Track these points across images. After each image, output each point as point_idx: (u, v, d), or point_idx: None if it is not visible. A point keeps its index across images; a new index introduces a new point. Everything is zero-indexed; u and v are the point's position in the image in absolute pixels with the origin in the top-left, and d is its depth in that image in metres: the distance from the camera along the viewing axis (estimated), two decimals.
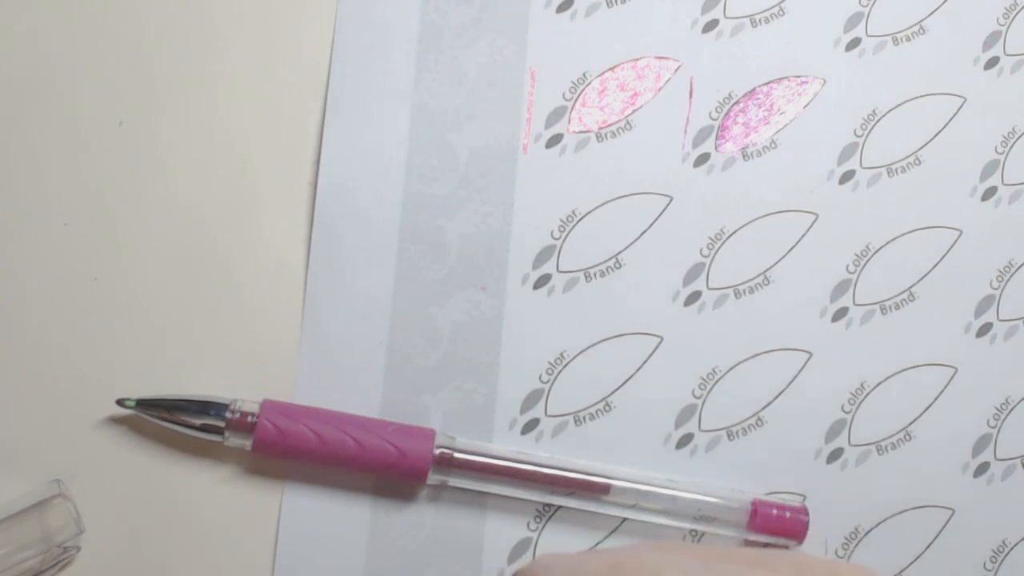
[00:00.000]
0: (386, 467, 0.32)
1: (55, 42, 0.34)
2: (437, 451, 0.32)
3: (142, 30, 0.34)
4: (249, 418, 0.31)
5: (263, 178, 0.34)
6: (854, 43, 0.37)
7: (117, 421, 0.32)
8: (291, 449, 0.32)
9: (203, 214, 0.34)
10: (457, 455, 0.33)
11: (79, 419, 0.32)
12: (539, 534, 0.34)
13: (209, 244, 0.34)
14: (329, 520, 0.33)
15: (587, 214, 0.35)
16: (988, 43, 0.38)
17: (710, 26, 0.36)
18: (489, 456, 0.33)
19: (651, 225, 0.35)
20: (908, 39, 0.37)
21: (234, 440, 0.32)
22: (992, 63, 0.37)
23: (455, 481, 0.33)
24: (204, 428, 0.31)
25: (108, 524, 0.32)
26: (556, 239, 0.35)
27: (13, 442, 0.32)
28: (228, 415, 0.31)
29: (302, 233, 0.34)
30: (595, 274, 0.35)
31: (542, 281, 0.35)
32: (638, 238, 0.35)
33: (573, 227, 0.35)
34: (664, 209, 0.36)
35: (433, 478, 0.32)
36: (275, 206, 0.34)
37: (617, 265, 0.35)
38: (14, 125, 0.33)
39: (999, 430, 0.36)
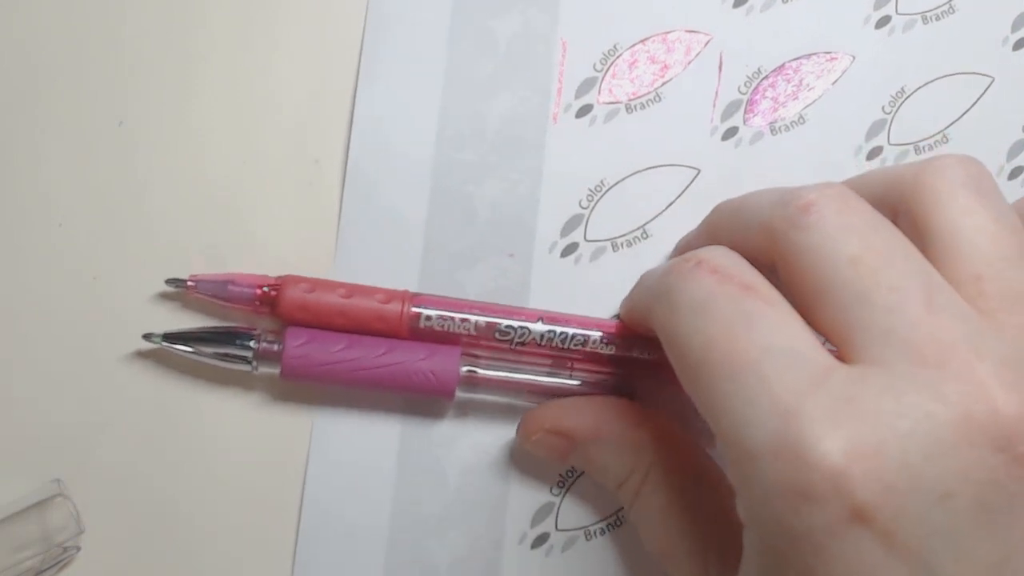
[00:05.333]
0: (414, 384, 0.32)
1: (54, 41, 0.34)
2: (464, 369, 0.33)
3: (142, 26, 0.34)
4: (276, 345, 0.32)
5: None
6: (884, 21, 0.37)
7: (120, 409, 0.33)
8: (319, 373, 0.32)
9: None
10: (482, 373, 0.33)
11: (81, 418, 0.32)
12: None
13: (227, 238, 0.34)
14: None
15: (615, 184, 0.35)
16: (1017, 24, 0.38)
17: (741, 0, 0.36)
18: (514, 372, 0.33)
19: (678, 197, 0.36)
20: (937, 18, 0.37)
21: (263, 368, 0.32)
22: (1021, 43, 0.38)
23: (482, 398, 0.33)
24: (231, 358, 0.32)
25: (109, 522, 0.32)
26: (584, 208, 0.35)
27: (13, 442, 0.32)
28: (254, 344, 0.32)
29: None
30: (622, 244, 0.35)
31: (569, 250, 0.35)
32: (665, 209, 0.35)
33: (601, 197, 0.35)
34: (691, 181, 0.36)
35: (460, 396, 0.33)
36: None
37: (644, 236, 0.35)
38: (13, 124, 0.33)
39: None
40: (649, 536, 0.31)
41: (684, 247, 0.35)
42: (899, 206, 0.28)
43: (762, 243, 0.27)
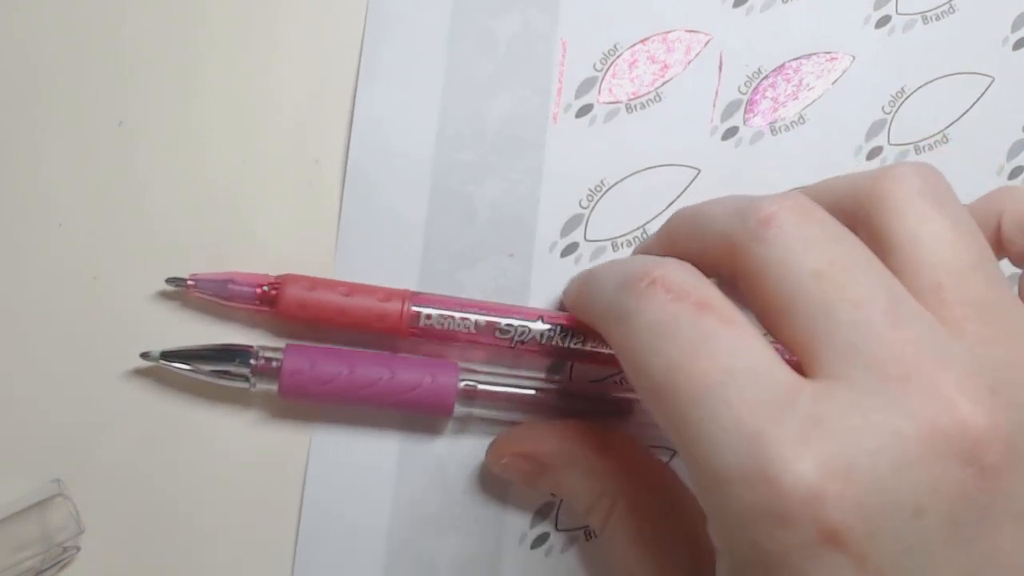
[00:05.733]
0: (412, 401, 0.32)
1: (54, 41, 0.34)
2: (462, 384, 0.33)
3: (142, 26, 0.34)
4: (273, 363, 0.32)
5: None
6: (884, 20, 0.37)
7: (127, 401, 0.33)
8: (318, 391, 0.32)
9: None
10: (481, 387, 0.33)
11: (81, 418, 0.32)
12: None
13: (233, 233, 0.34)
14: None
15: (615, 184, 0.35)
16: (1017, 24, 0.38)
17: (741, 0, 0.36)
18: (512, 387, 0.33)
19: (678, 197, 0.36)
20: (937, 18, 0.37)
21: (260, 385, 0.32)
22: (1021, 43, 0.38)
23: (480, 412, 0.33)
24: (229, 375, 0.32)
25: (109, 522, 0.32)
26: (584, 208, 0.35)
27: (13, 442, 0.32)
28: (252, 362, 0.31)
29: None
30: (622, 244, 0.35)
31: (569, 250, 0.35)
32: (665, 209, 0.35)
33: (601, 197, 0.35)
34: (691, 181, 0.36)
35: (459, 411, 0.33)
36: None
37: (644, 236, 0.35)
38: (13, 124, 0.33)
39: None
40: (619, 562, 0.30)
41: (642, 253, 0.34)
42: (857, 214, 0.27)
43: (722, 255, 0.27)
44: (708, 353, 0.24)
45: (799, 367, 0.24)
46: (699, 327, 0.24)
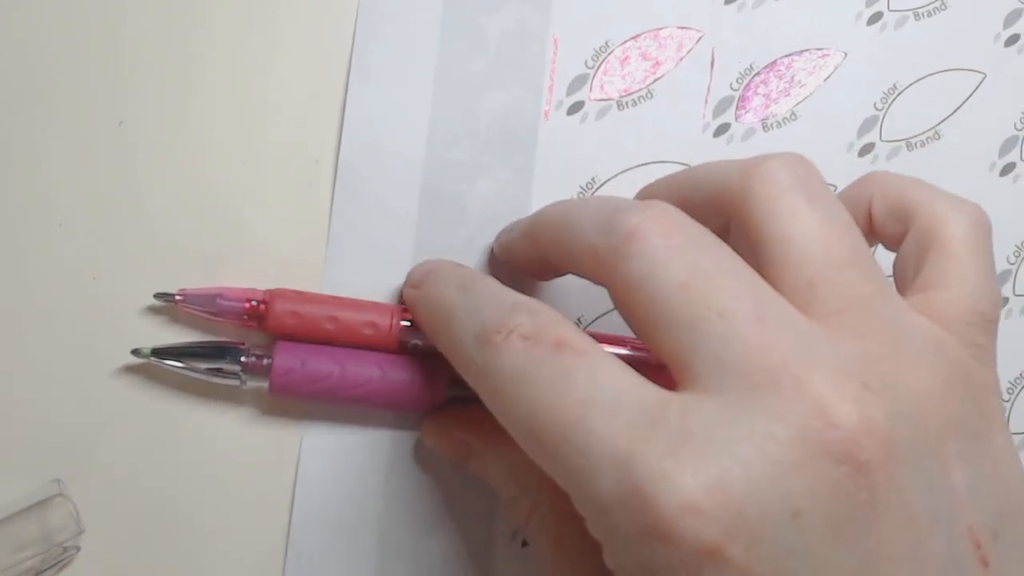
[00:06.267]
0: (404, 400, 0.32)
1: (54, 41, 0.34)
2: (451, 385, 0.33)
3: (142, 26, 0.34)
4: (264, 361, 0.32)
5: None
6: (876, 17, 0.37)
7: (123, 398, 0.33)
8: (308, 390, 0.32)
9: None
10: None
11: (81, 418, 0.33)
12: None
13: (223, 235, 0.34)
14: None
15: (606, 181, 0.36)
16: (1009, 20, 0.38)
17: None
18: None
19: None
20: (929, 14, 0.37)
21: (251, 383, 0.32)
22: (1013, 40, 0.38)
23: None
24: (220, 373, 0.32)
25: (109, 522, 0.32)
26: None
27: (13, 442, 0.32)
28: (243, 359, 0.32)
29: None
30: None
31: None
32: None
33: (592, 194, 0.36)
34: None
35: None
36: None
37: None
38: (13, 124, 0.33)
39: None
40: (539, 561, 0.30)
41: (505, 246, 0.34)
42: (730, 210, 0.27)
43: (588, 267, 0.27)
44: (568, 389, 0.24)
45: (672, 381, 0.25)
46: (557, 366, 0.25)
